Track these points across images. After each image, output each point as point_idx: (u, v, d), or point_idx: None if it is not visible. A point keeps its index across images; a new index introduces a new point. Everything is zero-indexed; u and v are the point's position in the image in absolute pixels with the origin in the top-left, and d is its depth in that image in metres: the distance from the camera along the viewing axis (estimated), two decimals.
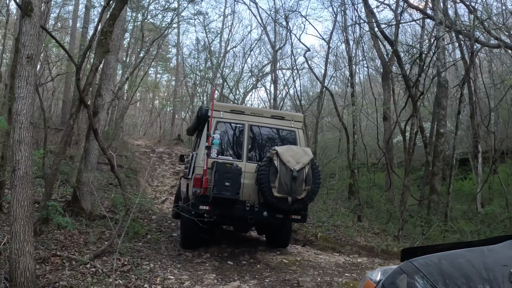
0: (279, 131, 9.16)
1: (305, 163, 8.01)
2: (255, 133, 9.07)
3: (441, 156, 16.12)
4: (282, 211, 8.29)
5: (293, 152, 8.09)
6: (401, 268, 2.68)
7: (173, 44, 35.57)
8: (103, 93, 9.99)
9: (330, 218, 13.82)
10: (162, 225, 11.61)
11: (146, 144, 31.74)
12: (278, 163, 7.92)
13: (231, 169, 8.02)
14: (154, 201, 16.18)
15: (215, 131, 8.63)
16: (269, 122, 9.09)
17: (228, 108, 9.15)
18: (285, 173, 7.89)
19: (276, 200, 8.00)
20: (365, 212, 16.06)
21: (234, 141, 8.99)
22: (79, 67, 8.11)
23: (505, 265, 2.34)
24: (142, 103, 45.77)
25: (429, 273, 2.46)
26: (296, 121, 9.21)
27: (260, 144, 9.10)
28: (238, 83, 28.24)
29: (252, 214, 8.44)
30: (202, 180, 8.23)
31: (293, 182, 7.89)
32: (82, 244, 8.37)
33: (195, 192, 8.33)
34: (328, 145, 24.87)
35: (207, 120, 8.67)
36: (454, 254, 2.74)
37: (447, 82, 16.68)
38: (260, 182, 8.15)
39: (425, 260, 2.64)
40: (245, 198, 8.39)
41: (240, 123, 8.96)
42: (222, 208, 8.24)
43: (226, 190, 7.88)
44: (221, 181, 7.89)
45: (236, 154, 8.85)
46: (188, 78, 33.47)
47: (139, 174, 20.86)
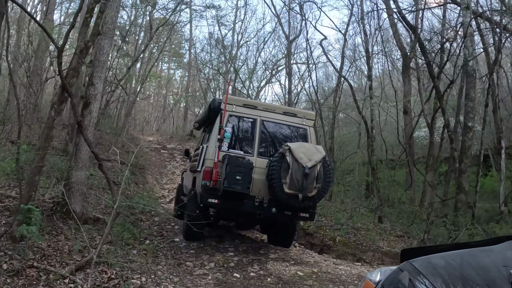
0: (290, 128, 8.99)
1: (317, 161, 7.84)
2: (266, 128, 8.85)
3: (469, 152, 14.72)
4: (291, 208, 8.09)
5: (306, 149, 7.94)
6: (401, 268, 2.60)
7: (186, 38, 34.37)
8: (96, 81, 8.78)
9: (349, 220, 12.51)
10: (164, 228, 10.40)
11: (158, 140, 30.74)
12: (291, 159, 7.73)
13: (242, 162, 7.86)
14: (160, 200, 15.01)
15: (227, 125, 8.46)
16: (281, 118, 8.93)
17: (241, 102, 8.97)
18: (297, 169, 7.71)
19: (286, 197, 7.79)
20: (385, 212, 14.73)
21: (246, 135, 8.79)
22: (60, 50, 6.91)
23: (505, 265, 2.35)
24: (156, 99, 44.75)
25: (429, 273, 2.43)
26: (308, 119, 9.08)
27: (271, 140, 8.83)
28: (252, 74, 26.94)
29: (260, 210, 8.24)
30: (212, 172, 8.05)
31: (304, 179, 7.70)
32: (66, 252, 7.19)
33: (205, 185, 8.10)
34: (345, 141, 23.49)
35: (220, 113, 8.52)
36: (453, 254, 2.66)
37: (475, 72, 15.23)
38: (271, 177, 7.92)
39: (424, 261, 2.58)
40: (255, 194, 8.20)
41: (252, 118, 8.77)
42: (231, 202, 8.07)
43: (236, 184, 7.70)
44: (232, 175, 7.73)
45: (247, 149, 8.63)
46: (201, 73, 32.23)
47: (148, 171, 19.73)
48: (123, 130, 20.87)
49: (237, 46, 30.48)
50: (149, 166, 21.15)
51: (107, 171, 7.83)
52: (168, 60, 45.04)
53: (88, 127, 8.68)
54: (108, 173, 7.78)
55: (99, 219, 9.38)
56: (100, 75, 8.88)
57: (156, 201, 13.79)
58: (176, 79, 47.10)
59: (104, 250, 7.42)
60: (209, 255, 8.31)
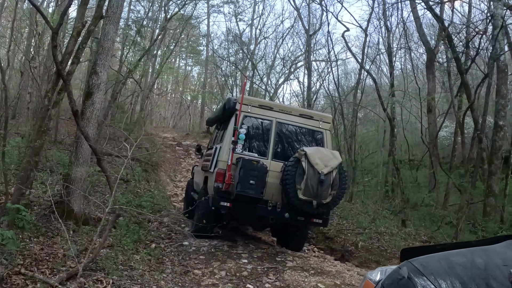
0: (306, 131, 8.72)
1: (333, 167, 7.57)
2: (282, 130, 8.60)
3: (500, 153, 13.65)
4: (305, 214, 7.87)
5: (322, 155, 7.65)
6: (401, 268, 2.59)
7: (203, 34, 33.57)
8: (99, 70, 7.97)
9: (372, 223, 11.56)
10: (173, 230, 9.55)
11: (174, 137, 30.01)
12: (306, 165, 7.48)
13: (257, 166, 7.60)
14: (172, 199, 14.20)
15: (241, 126, 8.18)
16: (297, 120, 8.65)
17: (256, 103, 8.64)
18: (313, 175, 7.44)
19: (300, 203, 7.55)
20: (408, 215, 13.73)
21: (260, 137, 8.54)
22: (55, 31, 6.11)
23: (505, 265, 2.33)
24: (173, 96, 44.08)
25: (429, 273, 2.42)
26: (325, 121, 8.77)
27: (287, 142, 8.59)
28: (270, 70, 26.05)
29: (273, 214, 8.03)
30: (225, 175, 7.80)
31: (319, 186, 7.44)
32: (60, 257, 6.38)
33: (217, 188, 7.88)
34: (365, 140, 22.50)
35: (235, 114, 8.26)
36: (453, 254, 2.66)
37: (507, 67, 14.16)
38: (285, 182, 7.69)
39: (424, 260, 2.57)
40: (268, 198, 7.96)
41: (267, 119, 8.50)
42: (243, 206, 7.85)
43: (250, 188, 7.47)
44: (246, 179, 7.48)
45: (261, 151, 8.37)
46: (219, 69, 31.42)
47: (161, 168, 18.96)
48: (138, 126, 20.07)
49: (255, 42, 29.56)
50: (162, 163, 20.38)
51: (106, 168, 7.01)
52: (186, 57, 44.37)
53: (90, 120, 7.91)
54: (108, 170, 6.95)
55: (101, 220, 8.56)
56: (104, 63, 8.07)
57: (167, 200, 12.99)
58: (194, 76, 46.45)
59: (102, 255, 6.62)
60: (220, 262, 7.43)
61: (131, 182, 12.42)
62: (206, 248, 8.15)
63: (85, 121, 7.86)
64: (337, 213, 12.54)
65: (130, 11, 25.44)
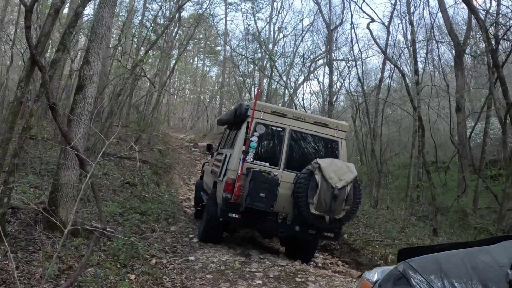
0: (321, 140, 8.26)
1: (348, 181, 7.17)
2: (295, 139, 8.13)
3: None
4: (316, 228, 7.50)
5: (337, 168, 7.24)
6: (398, 268, 2.59)
7: (221, 32, 32.48)
8: (92, 59, 6.85)
9: (401, 233, 10.26)
10: (180, 241, 8.40)
11: (191, 138, 28.99)
12: (320, 178, 7.09)
13: (268, 179, 7.21)
14: (184, 204, 13.07)
15: (253, 133, 7.77)
16: (312, 128, 8.19)
17: (269, 109, 8.15)
18: (326, 190, 7.07)
19: (312, 217, 7.19)
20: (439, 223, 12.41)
21: (273, 146, 8.05)
22: (29, 9, 4.98)
23: (502, 265, 2.31)
24: (191, 97, 43.10)
25: (426, 273, 2.40)
26: (340, 130, 8.29)
27: (300, 151, 8.14)
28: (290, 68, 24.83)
29: (283, 227, 7.66)
30: (234, 185, 7.40)
31: (333, 201, 7.06)
32: (36, 278, 5.28)
33: (226, 198, 7.46)
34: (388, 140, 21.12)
35: (246, 121, 7.87)
36: (450, 254, 2.66)
37: None
38: (297, 195, 7.30)
39: (422, 261, 2.57)
40: (279, 210, 7.54)
41: (280, 127, 8.06)
42: (253, 218, 7.49)
43: (260, 202, 7.10)
44: (256, 191, 7.13)
45: (273, 160, 7.89)
46: (237, 68, 30.27)
47: (175, 171, 17.86)
48: (151, 126, 19.02)
49: (273, 41, 28.35)
50: (177, 165, 19.31)
51: (89, 171, 5.83)
52: (204, 58, 43.45)
53: (81, 116, 6.79)
54: (92, 176, 5.77)
55: (98, 231, 7.43)
56: (98, 51, 6.93)
57: (177, 205, 11.84)
58: (212, 76, 45.48)
59: (88, 276, 5.49)
60: (230, 283, 6.21)
61: (137, 186, 11.30)
62: (215, 265, 6.95)
63: (75, 117, 6.76)
64: (362, 221, 11.30)
65: (145, 10, 24.50)
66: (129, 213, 8.99)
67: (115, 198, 9.79)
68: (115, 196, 9.94)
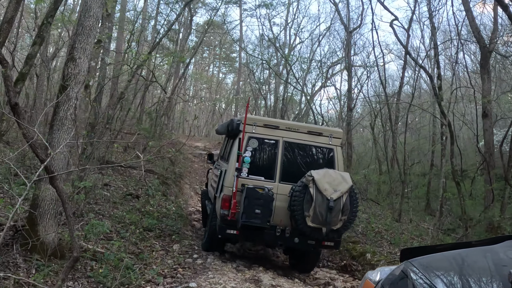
0: (316, 149, 8.10)
1: (343, 192, 7.09)
2: (290, 150, 7.98)
3: None
4: (315, 239, 7.39)
5: (331, 178, 7.16)
6: (400, 268, 2.56)
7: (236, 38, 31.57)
8: (78, 56, 5.89)
9: None
10: (182, 263, 7.34)
11: (205, 146, 28.07)
12: (314, 191, 7.01)
13: (262, 195, 7.15)
14: (194, 216, 12.03)
15: (246, 148, 7.66)
16: (306, 138, 8.01)
17: (261, 122, 8.00)
18: (321, 202, 7.01)
19: (309, 229, 7.13)
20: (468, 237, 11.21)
21: (267, 158, 7.92)
22: None
23: (504, 265, 2.30)
24: (206, 104, 42.24)
25: (428, 273, 2.37)
26: (335, 137, 8.06)
27: (295, 162, 7.94)
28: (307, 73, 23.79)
29: (282, 240, 7.59)
30: (230, 202, 7.30)
31: (329, 213, 6.99)
32: None
33: (223, 216, 7.38)
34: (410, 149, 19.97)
35: (238, 137, 7.75)
36: (453, 254, 2.64)
37: None
38: (293, 209, 7.24)
39: (424, 260, 2.54)
40: (276, 223, 7.49)
41: (274, 139, 7.90)
42: (250, 233, 7.42)
43: (256, 218, 7.07)
44: (251, 208, 7.06)
45: (268, 174, 7.73)
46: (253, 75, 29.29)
47: (185, 180, 16.87)
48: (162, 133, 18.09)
49: (289, 46, 27.29)
50: (188, 174, 18.33)
51: (60, 186, 4.80)
52: (219, 65, 42.65)
53: (64, 121, 5.81)
54: (64, 193, 4.74)
55: (88, 251, 6.42)
56: (85, 46, 5.96)
57: (185, 219, 10.82)
58: (227, 83, 44.64)
59: None
60: None
61: (141, 198, 10.30)
62: None
63: (57, 122, 5.78)
64: (386, 237, 10.16)
65: (158, 14, 23.68)
66: (127, 229, 7.98)
67: (114, 211, 8.79)
68: (114, 209, 8.95)
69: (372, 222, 11.21)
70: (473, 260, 2.51)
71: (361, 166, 21.45)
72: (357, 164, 21.05)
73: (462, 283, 2.26)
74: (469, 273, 2.37)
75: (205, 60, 43.91)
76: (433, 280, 2.29)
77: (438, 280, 2.29)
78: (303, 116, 26.49)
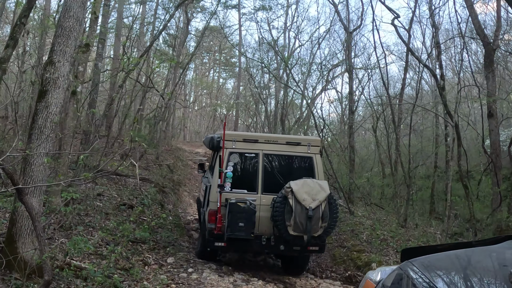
0: (295, 158, 8.33)
1: (321, 200, 7.37)
2: (270, 162, 8.31)
3: None
4: (299, 246, 7.65)
5: (309, 188, 7.42)
6: (401, 268, 2.53)
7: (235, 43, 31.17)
8: (57, 59, 5.45)
9: None
10: (176, 278, 6.87)
11: (206, 152, 27.57)
12: (293, 202, 7.29)
13: (245, 208, 7.41)
14: (192, 225, 11.58)
15: (228, 163, 7.92)
16: (285, 149, 8.27)
17: (240, 137, 8.31)
18: (301, 212, 7.28)
19: (292, 238, 7.42)
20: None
21: (249, 172, 8.21)
22: None
23: (505, 265, 2.28)
24: (207, 109, 41.80)
25: (429, 273, 2.34)
26: (313, 145, 8.32)
27: (276, 173, 8.19)
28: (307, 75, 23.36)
29: (268, 248, 7.93)
30: (216, 217, 7.54)
31: (308, 222, 7.26)
32: None
33: (210, 229, 7.65)
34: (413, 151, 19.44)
35: (218, 154, 8.08)
36: (453, 254, 2.62)
37: None
38: (275, 219, 7.49)
39: (424, 260, 2.52)
40: (261, 232, 7.79)
41: (254, 153, 8.18)
42: (237, 244, 7.71)
43: (240, 231, 7.37)
44: (234, 221, 7.36)
45: (251, 186, 8.00)
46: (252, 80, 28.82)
47: (185, 188, 16.42)
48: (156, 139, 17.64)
49: (289, 50, 26.84)
50: (188, 181, 17.90)
51: (29, 202, 4.34)
52: (219, 70, 42.26)
53: (43, 129, 5.36)
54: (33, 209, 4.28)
55: (71, 267, 5.95)
56: (65, 49, 5.52)
57: (182, 230, 10.38)
58: (228, 88, 44.21)
59: None
60: None
61: (136, 208, 9.83)
62: None
63: (36, 131, 5.33)
64: (392, 245, 9.67)
65: (156, 20, 23.30)
66: (118, 242, 7.51)
67: (106, 223, 8.33)
68: (106, 221, 8.49)
69: (377, 228, 10.73)
70: (474, 260, 2.49)
71: (364, 170, 20.96)
72: (360, 167, 20.56)
73: (462, 283, 2.24)
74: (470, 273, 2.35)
75: (205, 66, 43.52)
76: (434, 280, 2.27)
77: (438, 280, 2.28)
78: (304, 120, 26.02)
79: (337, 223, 8.16)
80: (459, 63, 19.23)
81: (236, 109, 32.00)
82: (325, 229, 7.47)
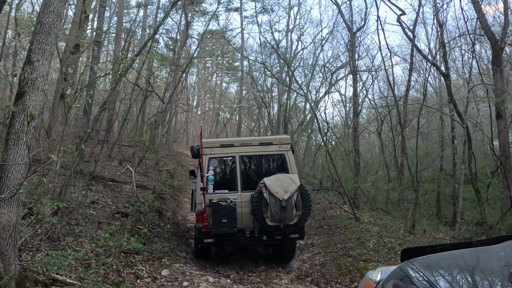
0: (269, 157, 9.02)
1: (293, 191, 7.94)
2: (246, 162, 8.90)
3: None
4: (281, 234, 8.25)
5: (281, 182, 8.02)
6: (401, 268, 2.54)
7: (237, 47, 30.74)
8: (36, 58, 5.00)
9: None
10: None
11: None
12: (268, 195, 7.89)
13: (226, 206, 7.99)
14: (191, 233, 11.09)
15: (208, 168, 8.56)
16: (258, 149, 8.91)
17: (217, 143, 8.99)
18: (275, 203, 7.86)
19: (271, 228, 7.98)
20: None
21: (228, 173, 8.88)
22: None
23: (505, 265, 2.27)
24: (210, 113, 41.37)
25: (429, 273, 2.33)
26: (284, 143, 8.94)
27: (253, 172, 8.75)
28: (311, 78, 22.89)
29: (253, 240, 8.47)
30: (203, 216, 8.16)
31: (282, 212, 7.82)
32: None
33: (199, 228, 8.28)
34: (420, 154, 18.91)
35: (199, 161, 8.75)
36: (453, 254, 2.61)
37: None
38: (254, 213, 8.08)
39: (424, 260, 2.52)
40: (245, 226, 8.37)
41: (231, 156, 8.81)
42: (224, 239, 8.30)
43: (224, 226, 7.92)
44: (218, 219, 7.92)
45: (231, 186, 8.63)
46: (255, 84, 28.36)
47: (185, 194, 15.94)
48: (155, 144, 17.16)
49: (291, 53, 26.38)
50: (189, 188, 17.38)
51: None
52: (222, 74, 41.84)
53: (20, 134, 4.89)
54: None
55: (57, 281, 5.47)
56: (44, 47, 5.07)
57: (179, 239, 9.89)
58: (231, 92, 43.79)
59: None
60: None
61: (130, 216, 9.35)
62: None
63: (12, 136, 4.87)
64: (400, 253, 9.11)
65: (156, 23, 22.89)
66: (109, 254, 7.03)
67: (98, 233, 7.84)
68: (98, 230, 8.00)
69: (384, 236, 10.19)
70: (474, 260, 2.47)
71: (369, 173, 20.44)
72: (365, 171, 20.02)
73: (463, 283, 2.21)
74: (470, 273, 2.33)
75: (207, 70, 43.12)
76: (434, 280, 2.26)
77: (438, 280, 2.27)
78: (307, 124, 25.56)
79: (311, 211, 8.58)
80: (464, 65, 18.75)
81: (239, 113, 31.53)
82: (300, 217, 7.98)
